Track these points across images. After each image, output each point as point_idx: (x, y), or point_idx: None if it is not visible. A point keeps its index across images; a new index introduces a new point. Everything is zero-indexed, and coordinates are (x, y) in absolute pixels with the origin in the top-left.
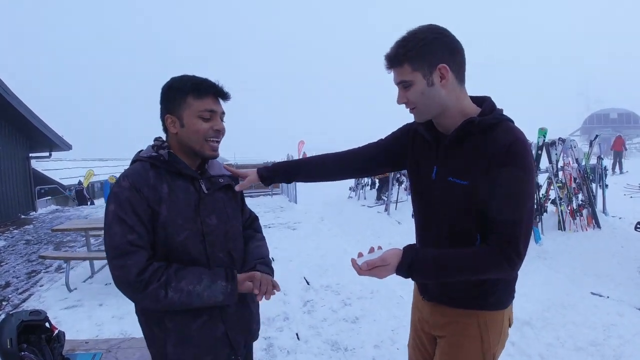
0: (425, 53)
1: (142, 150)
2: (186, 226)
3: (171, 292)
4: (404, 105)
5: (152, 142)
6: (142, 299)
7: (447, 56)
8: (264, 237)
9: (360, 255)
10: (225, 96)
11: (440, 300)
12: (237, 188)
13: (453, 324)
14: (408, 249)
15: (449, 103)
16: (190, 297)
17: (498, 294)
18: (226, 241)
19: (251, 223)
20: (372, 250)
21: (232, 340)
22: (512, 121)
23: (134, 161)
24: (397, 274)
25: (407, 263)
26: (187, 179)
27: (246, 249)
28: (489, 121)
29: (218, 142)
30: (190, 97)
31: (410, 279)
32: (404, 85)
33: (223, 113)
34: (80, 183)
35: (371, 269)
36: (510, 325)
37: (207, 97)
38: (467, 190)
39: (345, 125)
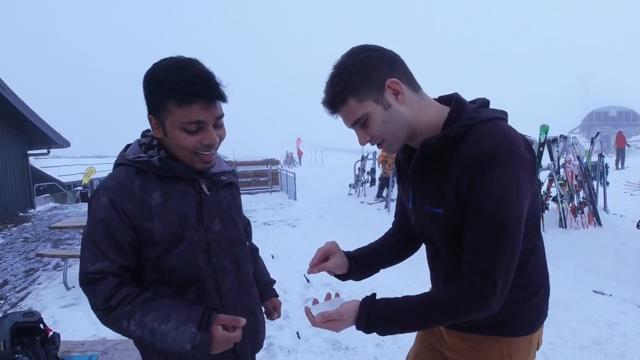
0: (365, 76)
1: (127, 147)
2: (186, 235)
3: (133, 325)
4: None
5: (139, 137)
6: (107, 324)
7: (389, 69)
8: (256, 248)
9: (315, 302)
10: (221, 98)
11: (457, 327)
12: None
13: (473, 350)
14: (364, 302)
15: (415, 119)
16: (154, 336)
17: (526, 316)
18: (232, 248)
19: (245, 227)
20: (328, 297)
21: (240, 355)
22: (495, 117)
23: (117, 164)
24: (357, 329)
25: (364, 319)
26: (186, 180)
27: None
28: (453, 134)
29: (211, 153)
30: (170, 103)
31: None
32: (360, 123)
33: (219, 117)
34: (85, 187)
35: (326, 321)
36: (538, 347)
37: (194, 104)
38: (444, 219)
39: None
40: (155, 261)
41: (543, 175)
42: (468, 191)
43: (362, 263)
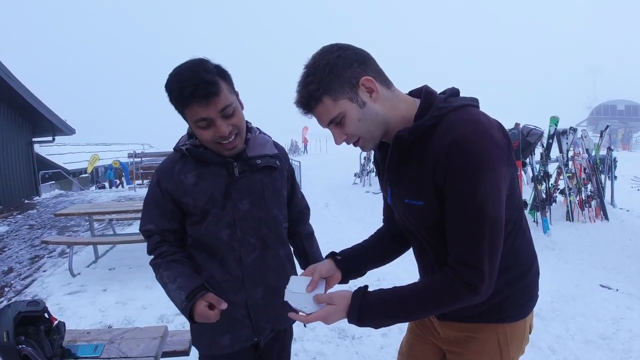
0: (339, 75)
1: (182, 137)
2: (213, 211)
3: (158, 275)
4: (344, 143)
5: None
6: (152, 268)
7: (362, 67)
8: (311, 232)
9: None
10: (213, 95)
11: (451, 317)
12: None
13: (468, 341)
14: (355, 294)
15: (389, 115)
16: (165, 288)
17: (517, 303)
18: (259, 227)
19: (299, 215)
20: (309, 273)
21: (256, 325)
22: (465, 104)
23: (173, 149)
24: (348, 321)
25: (357, 309)
26: (220, 164)
27: (306, 251)
28: (425, 125)
29: (232, 141)
30: (179, 107)
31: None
32: (335, 122)
33: (224, 109)
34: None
35: (318, 314)
36: (530, 332)
37: (193, 105)
38: (426, 210)
39: None
40: (192, 228)
41: (551, 168)
42: (445, 182)
43: (349, 262)
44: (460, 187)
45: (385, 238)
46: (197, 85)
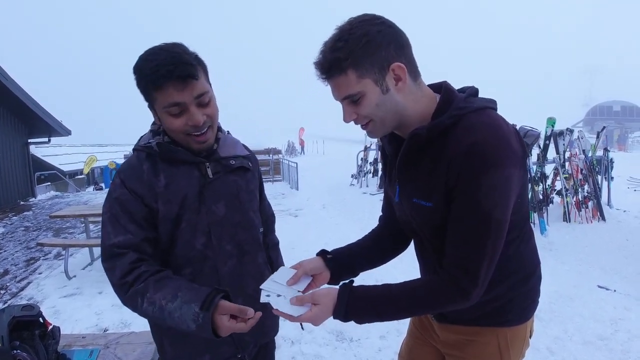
0: (373, 52)
1: (143, 136)
2: (185, 217)
3: (145, 302)
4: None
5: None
6: (124, 302)
7: (398, 51)
8: (276, 242)
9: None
10: (192, 77)
11: (451, 320)
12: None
13: (469, 344)
14: (342, 290)
15: (408, 109)
16: (163, 313)
17: (518, 307)
18: (236, 232)
19: (266, 224)
20: (297, 267)
21: (238, 340)
22: (485, 107)
23: (133, 150)
24: (333, 317)
25: (344, 306)
26: (191, 164)
27: (272, 261)
28: (443, 124)
29: (204, 133)
30: (150, 90)
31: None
32: (352, 100)
33: (199, 96)
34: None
35: (304, 315)
36: (530, 336)
37: (167, 86)
38: (434, 212)
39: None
40: (164, 237)
41: (548, 169)
42: (457, 183)
43: (341, 262)
44: (472, 188)
45: (383, 236)
46: (175, 65)
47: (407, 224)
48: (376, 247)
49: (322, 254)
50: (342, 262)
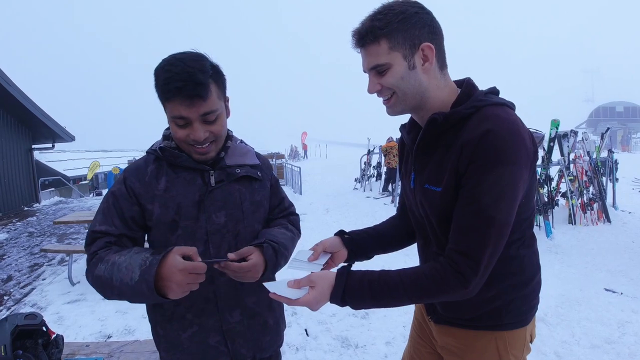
0: (407, 28)
1: (158, 140)
2: (182, 224)
3: (101, 264)
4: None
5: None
6: (87, 273)
7: (431, 35)
8: (295, 231)
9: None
10: (199, 97)
11: (451, 322)
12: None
13: (467, 349)
14: (339, 273)
15: (429, 92)
16: (112, 270)
17: (516, 311)
18: (236, 242)
19: (286, 213)
20: (315, 248)
21: (233, 351)
22: (503, 104)
23: (146, 152)
24: (330, 301)
25: (341, 289)
26: (195, 170)
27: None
28: (461, 113)
29: (205, 147)
30: (161, 98)
31: None
32: (378, 70)
33: (206, 114)
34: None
35: (299, 299)
36: (532, 341)
37: (174, 100)
38: (443, 197)
39: (349, 116)
40: (155, 244)
41: (553, 171)
42: (467, 168)
43: (357, 242)
44: (481, 175)
45: (398, 225)
46: (185, 83)
47: (415, 214)
48: (391, 234)
49: (340, 234)
50: (358, 243)
